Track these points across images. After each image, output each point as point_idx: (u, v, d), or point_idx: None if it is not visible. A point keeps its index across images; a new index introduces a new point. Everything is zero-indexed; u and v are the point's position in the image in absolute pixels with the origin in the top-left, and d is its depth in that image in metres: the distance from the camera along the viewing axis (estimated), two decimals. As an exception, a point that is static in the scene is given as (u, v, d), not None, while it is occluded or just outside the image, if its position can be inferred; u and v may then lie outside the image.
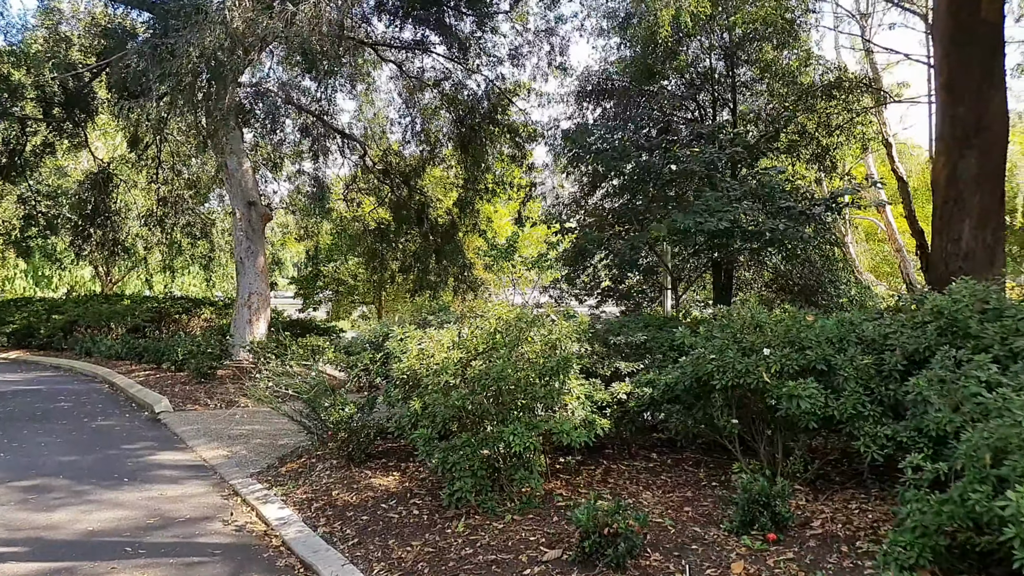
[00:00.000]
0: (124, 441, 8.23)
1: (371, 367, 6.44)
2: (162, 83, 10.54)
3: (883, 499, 4.55)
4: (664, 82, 17.54)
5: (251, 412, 10.09)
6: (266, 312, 15.57)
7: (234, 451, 7.52)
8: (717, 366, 4.85)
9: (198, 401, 10.53)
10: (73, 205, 22.23)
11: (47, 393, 11.76)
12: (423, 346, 5.15)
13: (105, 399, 11.28)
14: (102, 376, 13.57)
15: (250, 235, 15.46)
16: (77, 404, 10.72)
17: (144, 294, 25.90)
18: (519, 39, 19.11)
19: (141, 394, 10.96)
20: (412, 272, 23.68)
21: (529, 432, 4.52)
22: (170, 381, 11.88)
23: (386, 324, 7.23)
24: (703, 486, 5.21)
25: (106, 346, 15.91)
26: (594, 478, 5.50)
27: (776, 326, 5.04)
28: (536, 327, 5.21)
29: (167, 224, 23.72)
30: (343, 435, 5.95)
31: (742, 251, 11.54)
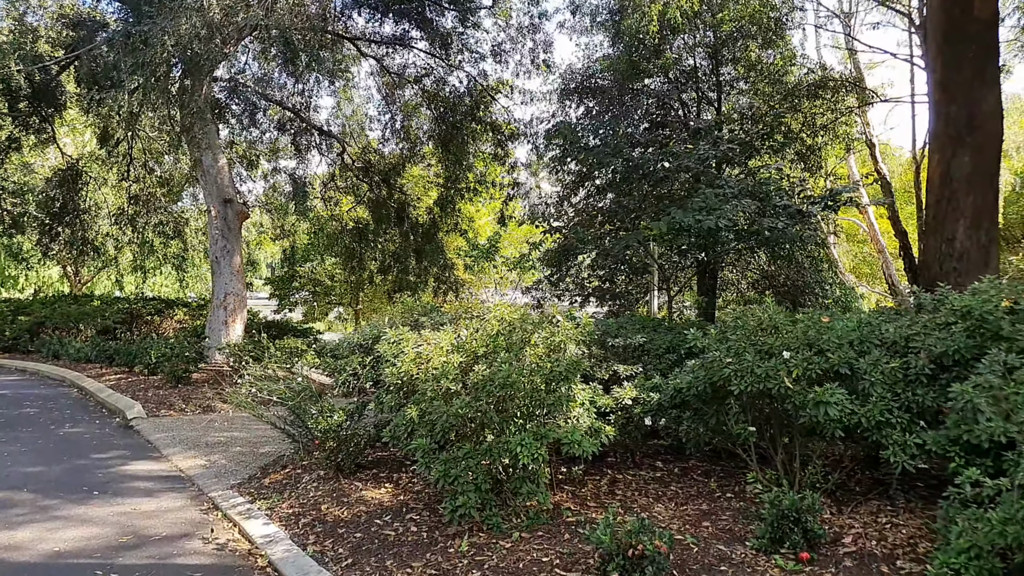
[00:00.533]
0: (94, 450, 7.77)
1: (360, 372, 6.07)
2: (135, 74, 10.05)
3: (912, 512, 4.30)
4: (648, 80, 17.38)
5: (229, 418, 9.65)
6: (243, 313, 15.08)
7: (212, 460, 7.11)
8: (735, 370, 4.57)
9: (173, 407, 10.06)
10: (40, 203, 21.48)
11: (11, 398, 11.21)
12: (420, 349, 4.80)
13: (74, 405, 10.76)
14: (70, 380, 13.01)
15: (226, 234, 14.96)
16: (44, 410, 10.20)
17: (115, 295, 25.16)
18: (502, 35, 18.82)
19: (112, 399, 10.47)
20: (391, 272, 23.28)
21: (537, 442, 4.20)
22: (143, 385, 11.38)
23: (376, 326, 6.85)
24: (717, 498, 4.93)
25: (75, 348, 15.30)
26: (600, 489, 5.20)
27: (794, 328, 4.77)
28: (540, 329, 4.89)
29: (139, 223, 23.06)
30: (331, 444, 5.58)
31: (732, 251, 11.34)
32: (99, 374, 13.01)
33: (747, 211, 8.58)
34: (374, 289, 27.47)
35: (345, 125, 21.56)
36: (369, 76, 20.26)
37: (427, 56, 18.87)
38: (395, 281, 23.27)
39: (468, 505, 4.15)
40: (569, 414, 4.61)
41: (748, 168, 11.12)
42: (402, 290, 23.47)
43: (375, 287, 25.14)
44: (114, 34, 11.58)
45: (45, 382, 13.38)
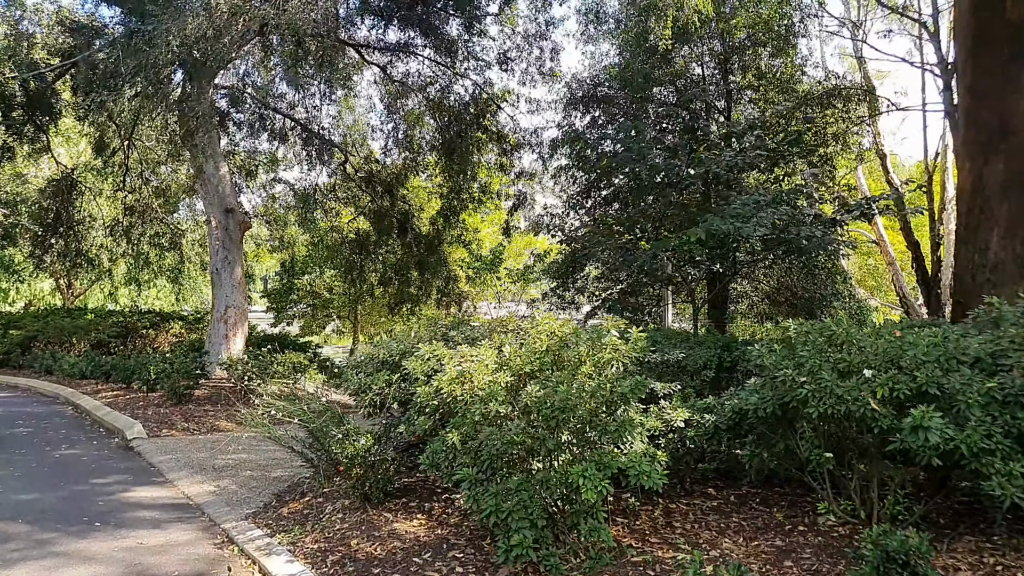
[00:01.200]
0: (93, 474, 7.26)
1: (387, 390, 5.61)
2: (137, 76, 9.60)
3: (1020, 550, 3.86)
4: (657, 89, 17.09)
5: (236, 438, 9.15)
6: (243, 327, 14.62)
7: (222, 486, 6.63)
8: (812, 390, 4.14)
9: (175, 426, 9.56)
10: (33, 214, 20.96)
11: (3, 417, 10.67)
12: (464, 367, 4.35)
13: (69, 424, 10.23)
14: (65, 397, 12.47)
15: (227, 244, 14.51)
16: (38, 430, 9.68)
17: (108, 308, 24.58)
18: (508, 43, 18.49)
19: (110, 418, 9.95)
20: (391, 285, 22.82)
21: (600, 473, 3.75)
22: (142, 403, 10.86)
23: (403, 341, 6.38)
24: (789, 531, 4.47)
25: (69, 364, 14.75)
26: (656, 522, 4.74)
27: (874, 343, 4.35)
28: (591, 345, 4.45)
29: (134, 234, 22.56)
30: (358, 471, 5.11)
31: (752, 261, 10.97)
32: (95, 391, 12.48)
33: (782, 218, 8.21)
34: (373, 302, 26.99)
35: (347, 135, 21.12)
36: (372, 85, 19.93)
37: (432, 64, 18.54)
38: (396, 294, 22.80)
39: (525, 544, 3.68)
40: (621, 439, 4.16)
41: (774, 175, 10.73)
42: (403, 303, 23.01)
43: (375, 300, 24.64)
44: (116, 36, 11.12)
45: (38, 399, 12.84)
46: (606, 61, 20.33)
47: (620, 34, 17.67)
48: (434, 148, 20.12)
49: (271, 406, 6.30)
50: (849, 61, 23.21)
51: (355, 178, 20.26)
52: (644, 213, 10.57)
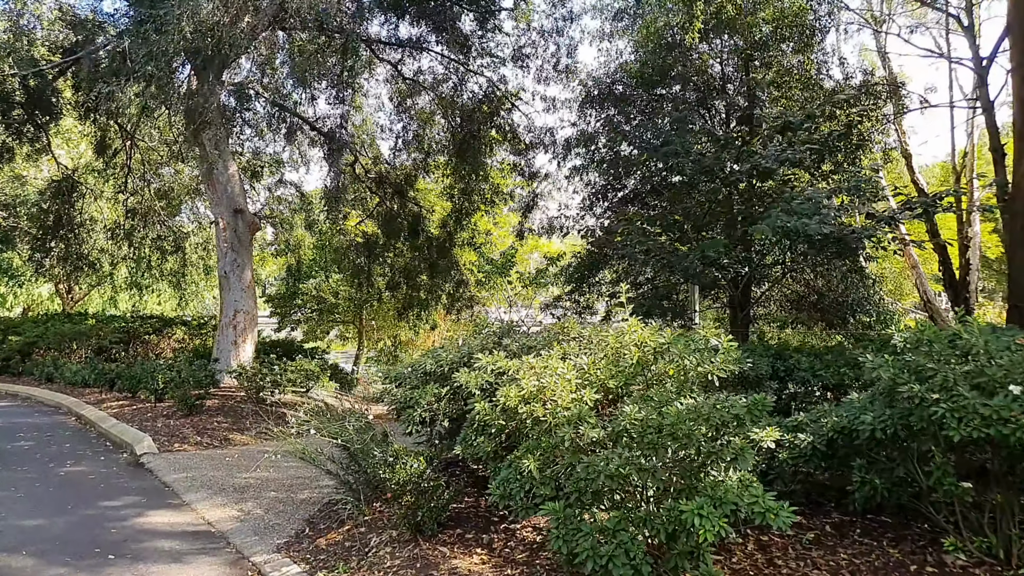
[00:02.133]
0: (103, 495, 6.66)
1: (437, 406, 5.01)
2: (148, 65, 9.00)
3: None
4: (676, 87, 16.62)
5: (252, 454, 8.56)
6: (253, 333, 14.02)
7: (246, 510, 6.03)
8: (948, 409, 3.56)
9: (187, 439, 8.95)
10: (33, 216, 20.35)
11: (3, 429, 10.06)
12: (544, 381, 3.75)
13: (74, 436, 9.62)
14: (68, 407, 11.86)
15: (236, 246, 13.91)
16: (40, 443, 9.07)
17: (109, 313, 23.96)
18: (523, 38, 17.94)
19: (117, 431, 9.34)
20: (400, 289, 22.24)
21: (716, 510, 3.17)
22: (150, 414, 10.25)
23: (449, 349, 5.78)
24: (916, 573, 3.88)
25: (71, 371, 14.12)
26: (755, 559, 4.15)
27: (1014, 355, 3.77)
28: (699, 357, 3.85)
29: (135, 238, 21.97)
30: (409, 499, 4.51)
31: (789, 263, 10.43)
32: (99, 400, 11.87)
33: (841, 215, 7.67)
34: (379, 307, 26.40)
35: (355, 135, 20.54)
36: (381, 83, 19.33)
37: (444, 61, 18.01)
38: (404, 298, 22.23)
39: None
40: (734, 468, 3.57)
41: (821, 171, 10.15)
42: (412, 307, 22.44)
43: (382, 305, 24.04)
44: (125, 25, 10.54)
45: (40, 409, 12.22)
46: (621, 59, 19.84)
47: (641, 28, 17.15)
48: (444, 148, 19.58)
49: (304, 423, 5.69)
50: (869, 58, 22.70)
51: (365, 179, 19.69)
52: (686, 212, 9.97)
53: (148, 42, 8.64)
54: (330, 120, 19.50)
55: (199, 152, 14.86)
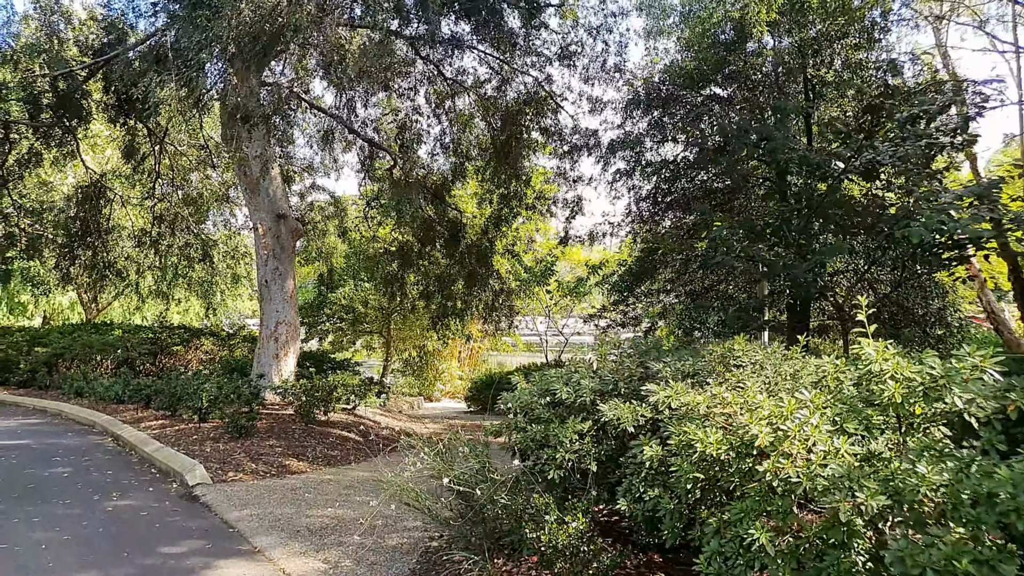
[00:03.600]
0: (161, 538, 5.82)
1: (582, 447, 4.13)
2: (200, 53, 8.21)
3: None
4: (729, 87, 15.82)
5: (315, 483, 7.72)
6: (295, 345, 13.23)
7: (331, 560, 5.17)
8: None
9: (241, 467, 8.12)
10: (60, 223, 19.69)
11: (37, 451, 9.28)
12: (782, 427, 2.87)
13: (114, 461, 8.81)
14: (102, 426, 11.07)
15: (278, 254, 13.14)
16: (79, 469, 8.27)
17: (134, 323, 23.27)
18: (570, 36, 17.12)
19: (162, 455, 8.52)
20: (434, 298, 21.42)
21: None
22: (195, 436, 9.43)
23: (583, 373, 4.90)
24: None
25: (103, 386, 13.36)
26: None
27: None
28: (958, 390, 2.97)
29: (162, 245, 21.30)
30: (564, 566, 3.64)
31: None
32: (136, 419, 11.07)
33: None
34: (406, 318, 25.62)
35: (389, 138, 19.77)
36: (423, 83, 18.54)
37: (487, 60, 17.23)
38: (439, 307, 21.40)
39: None
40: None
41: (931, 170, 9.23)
42: (446, 317, 21.61)
43: (416, 314, 23.21)
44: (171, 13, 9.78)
45: (72, 428, 11.44)
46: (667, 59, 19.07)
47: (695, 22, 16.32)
48: (484, 152, 18.78)
49: (417, 461, 4.84)
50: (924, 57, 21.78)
51: (402, 183, 18.90)
52: (797, 212, 9.05)
53: (201, 29, 7.86)
54: (369, 123, 18.79)
55: (238, 155, 14.13)
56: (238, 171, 14.27)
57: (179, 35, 8.41)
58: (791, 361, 3.95)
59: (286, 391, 11.20)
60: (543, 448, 4.34)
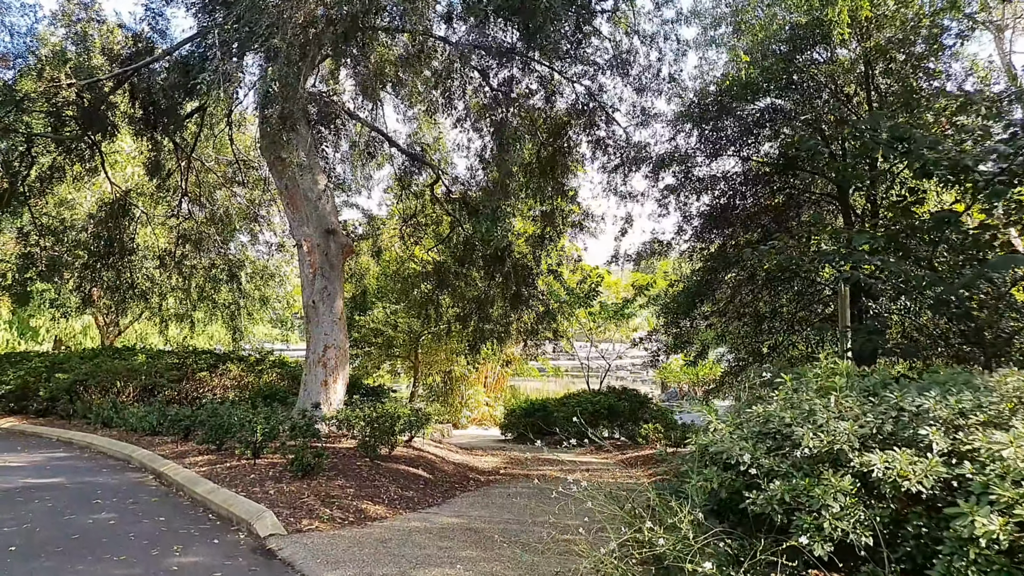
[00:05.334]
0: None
1: (855, 510, 3.03)
2: (271, 38, 7.24)
3: None
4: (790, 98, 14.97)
5: (401, 532, 6.61)
6: (345, 371, 12.18)
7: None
8: None
9: (314, 513, 7.01)
10: (81, 242, 18.73)
11: (73, 492, 8.19)
12: None
13: (163, 505, 7.72)
14: (140, 461, 9.99)
15: (327, 272, 12.13)
16: (125, 514, 7.17)
17: (157, 347, 22.21)
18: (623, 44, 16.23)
19: (219, 498, 7.43)
20: (471, 321, 20.38)
21: None
22: (252, 475, 8.32)
23: (816, 409, 3.80)
24: None
25: (136, 416, 12.26)
26: None
27: None
28: None
29: (186, 265, 20.35)
30: None
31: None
32: (177, 453, 9.97)
33: None
34: (438, 341, 24.57)
35: (422, 149, 18.82)
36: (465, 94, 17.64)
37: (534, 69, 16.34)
38: (474, 330, 20.36)
39: None
40: None
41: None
42: (484, 340, 20.55)
43: (451, 336, 22.14)
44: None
45: (105, 463, 10.35)
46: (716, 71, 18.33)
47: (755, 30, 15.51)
48: (528, 166, 17.83)
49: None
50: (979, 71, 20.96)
51: (443, 201, 17.94)
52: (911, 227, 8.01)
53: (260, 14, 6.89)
54: (409, 137, 17.89)
55: (278, 166, 13.19)
56: (279, 184, 13.33)
57: (220, 35, 7.49)
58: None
59: (342, 422, 10.13)
60: (792, 512, 3.26)
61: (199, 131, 17.85)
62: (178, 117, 16.53)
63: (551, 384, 34.35)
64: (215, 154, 19.38)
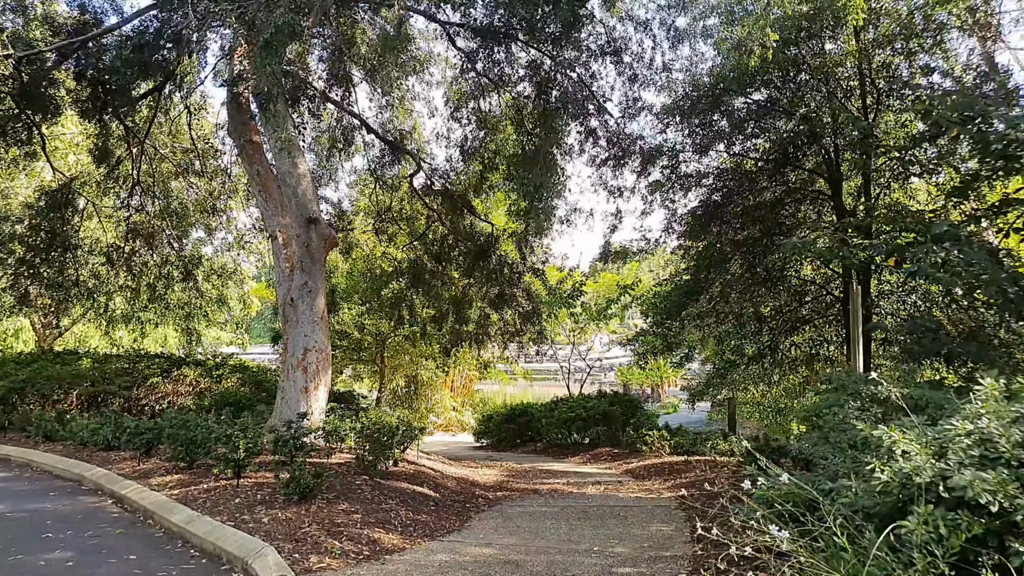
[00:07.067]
0: None
1: None
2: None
3: None
4: (783, 91, 14.43)
5: (428, 568, 5.48)
6: (327, 376, 10.93)
7: None
8: None
9: (321, 546, 5.82)
10: (17, 235, 16.91)
11: (17, 523, 6.81)
12: None
13: (131, 537, 6.40)
14: (93, 482, 8.60)
15: (307, 266, 10.88)
16: (86, 551, 5.86)
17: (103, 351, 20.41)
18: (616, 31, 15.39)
19: (200, 529, 6.16)
20: (445, 322, 19.27)
21: None
22: (235, 498, 7.05)
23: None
24: None
25: (88, 429, 10.74)
26: None
27: None
28: None
29: (137, 262, 18.69)
30: None
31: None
32: (140, 472, 8.60)
33: None
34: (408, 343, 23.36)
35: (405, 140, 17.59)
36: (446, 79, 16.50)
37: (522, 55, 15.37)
38: (452, 332, 19.24)
39: None
40: None
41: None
42: (461, 343, 19.46)
43: (426, 339, 20.95)
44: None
45: (52, 484, 8.90)
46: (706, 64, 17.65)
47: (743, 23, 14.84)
48: (514, 158, 16.81)
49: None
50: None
51: (422, 193, 16.75)
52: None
53: None
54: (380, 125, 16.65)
55: (249, 150, 11.89)
56: (249, 170, 12.01)
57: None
58: None
59: (331, 433, 8.92)
60: None
61: (153, 115, 16.33)
62: (130, 98, 15.05)
63: (515, 388, 33.37)
64: (171, 141, 17.80)
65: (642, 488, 10.02)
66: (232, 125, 12.36)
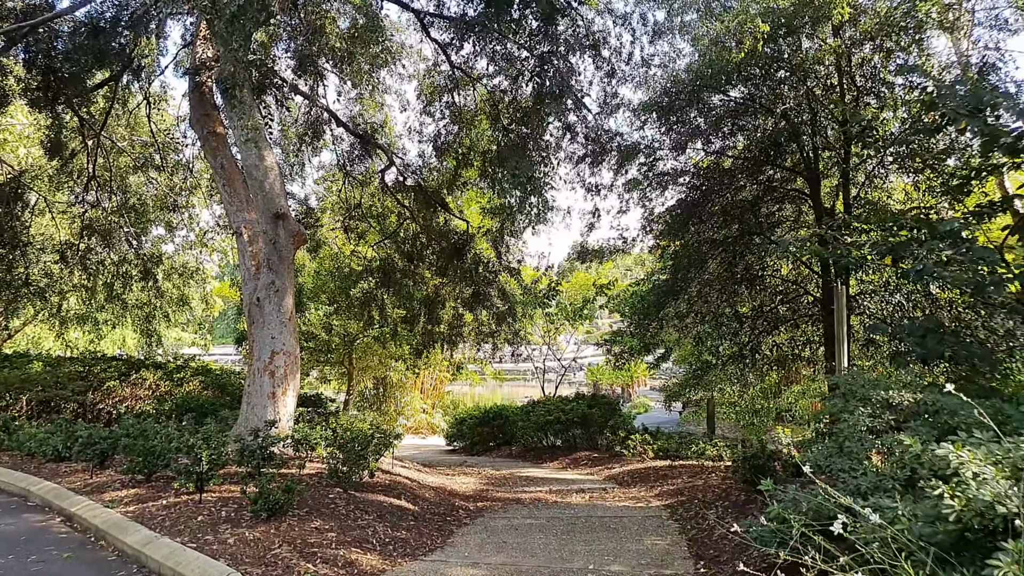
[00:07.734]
0: None
1: None
2: None
3: None
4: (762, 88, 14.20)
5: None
6: (295, 381, 10.33)
7: None
8: None
9: (293, 570, 5.25)
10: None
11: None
12: None
13: (80, 563, 5.79)
14: (40, 497, 7.92)
15: (274, 264, 10.28)
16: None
17: (56, 354, 19.43)
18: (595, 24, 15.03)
19: (158, 553, 5.58)
20: (417, 323, 18.73)
21: None
22: (198, 516, 6.47)
23: None
24: None
25: (35, 438, 10.00)
26: None
27: None
28: None
29: (92, 261, 17.83)
30: None
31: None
32: (92, 486, 7.94)
33: None
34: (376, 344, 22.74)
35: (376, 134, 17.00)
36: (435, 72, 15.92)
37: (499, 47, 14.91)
38: (424, 333, 18.71)
39: None
40: None
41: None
42: (433, 344, 18.93)
43: (396, 340, 20.35)
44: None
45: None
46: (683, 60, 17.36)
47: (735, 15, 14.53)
48: (487, 154, 16.37)
49: None
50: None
51: (394, 190, 16.18)
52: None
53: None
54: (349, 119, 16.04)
55: (212, 142, 11.25)
56: (214, 163, 11.36)
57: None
58: None
59: (300, 442, 8.35)
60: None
61: (110, 106, 15.55)
62: (85, 88, 14.32)
63: (484, 389, 32.87)
64: (129, 134, 16.99)
65: (628, 496, 9.62)
66: (195, 116, 11.69)
